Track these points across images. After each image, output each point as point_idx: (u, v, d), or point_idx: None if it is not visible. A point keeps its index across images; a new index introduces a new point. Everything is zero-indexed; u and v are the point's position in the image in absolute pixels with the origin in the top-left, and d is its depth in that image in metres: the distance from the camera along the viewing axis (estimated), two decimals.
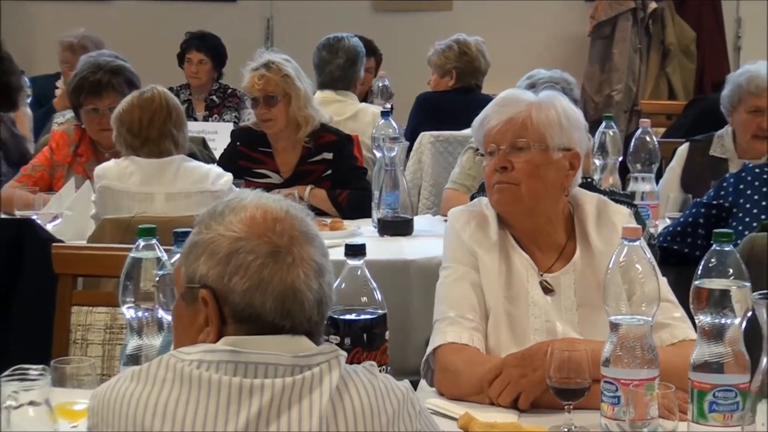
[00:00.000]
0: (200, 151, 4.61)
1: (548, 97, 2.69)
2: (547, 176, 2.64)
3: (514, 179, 2.64)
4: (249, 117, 4.67)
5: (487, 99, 2.79)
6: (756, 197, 3.57)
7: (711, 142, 4.56)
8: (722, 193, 3.64)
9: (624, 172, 4.42)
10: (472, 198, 2.99)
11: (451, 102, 5.62)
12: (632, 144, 4.36)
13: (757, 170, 3.59)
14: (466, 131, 3.41)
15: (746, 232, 3.47)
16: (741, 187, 3.60)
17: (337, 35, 5.53)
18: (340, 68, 5.12)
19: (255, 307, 1.68)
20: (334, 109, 5.17)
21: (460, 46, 5.76)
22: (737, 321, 2.10)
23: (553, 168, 2.64)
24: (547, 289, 2.64)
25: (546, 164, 2.63)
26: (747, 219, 3.57)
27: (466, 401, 2.45)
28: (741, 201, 3.60)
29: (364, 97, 6.36)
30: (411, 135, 5.55)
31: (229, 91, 6.77)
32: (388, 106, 5.71)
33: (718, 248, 2.15)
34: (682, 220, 3.77)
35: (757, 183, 3.59)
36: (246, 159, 4.59)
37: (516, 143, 2.64)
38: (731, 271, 2.12)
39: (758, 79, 4.40)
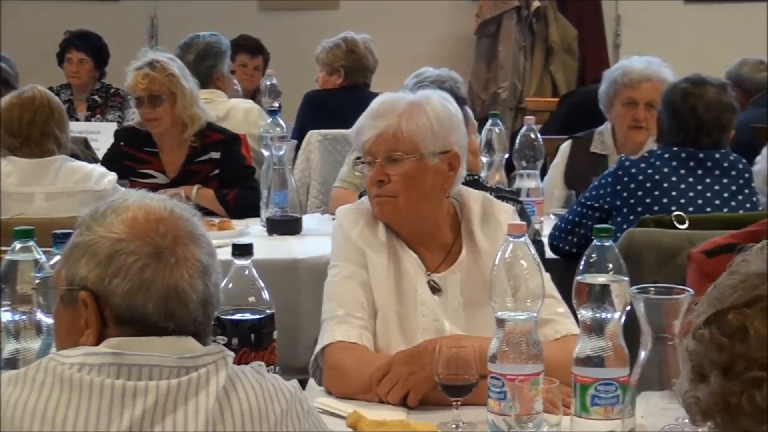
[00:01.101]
0: (82, 151, 4.54)
1: (420, 101, 2.65)
2: (425, 184, 2.63)
3: (392, 192, 2.64)
4: (133, 117, 4.60)
5: (375, 97, 2.78)
6: (632, 194, 3.64)
7: (591, 138, 4.65)
8: (601, 192, 3.71)
9: (510, 169, 4.47)
10: (360, 196, 3.00)
11: (339, 100, 5.61)
12: (517, 141, 4.42)
13: (633, 170, 3.66)
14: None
15: (624, 226, 3.55)
16: (618, 188, 3.66)
17: (195, 33, 5.50)
18: (191, 65, 5.08)
19: (137, 309, 1.67)
20: None
21: (348, 44, 5.76)
22: (617, 315, 2.15)
23: (431, 174, 2.63)
24: (434, 289, 2.66)
25: (422, 173, 2.62)
26: (630, 216, 3.63)
27: (355, 400, 2.46)
28: (618, 203, 3.66)
29: (252, 96, 6.33)
30: (299, 133, 5.53)
31: (112, 90, 6.66)
32: (276, 104, 5.68)
33: (598, 244, 2.19)
34: (568, 218, 3.83)
35: (632, 182, 3.65)
36: (131, 159, 4.52)
37: (390, 156, 2.63)
38: (611, 266, 2.16)
39: (632, 73, 4.50)
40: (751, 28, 7.94)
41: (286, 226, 4.08)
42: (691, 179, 3.62)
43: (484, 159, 4.19)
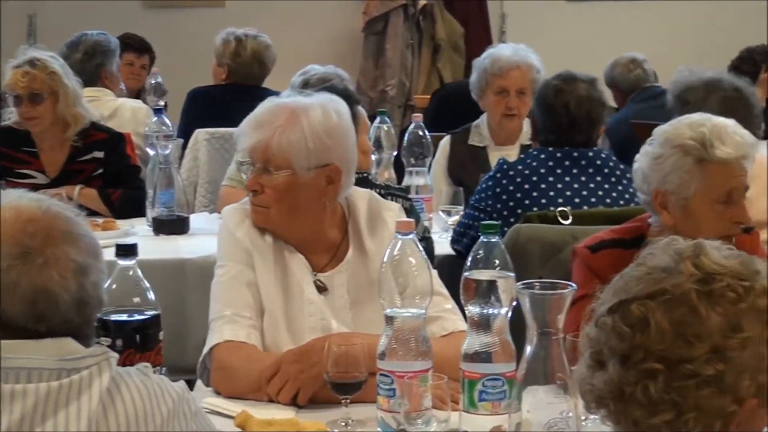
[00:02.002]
0: None
1: (300, 114, 2.60)
2: (298, 198, 2.61)
3: (264, 203, 2.63)
4: (10, 116, 4.49)
5: (262, 94, 2.77)
6: (512, 196, 3.68)
7: (469, 132, 4.69)
8: (483, 195, 3.75)
9: (399, 166, 4.49)
10: None
11: (224, 97, 5.56)
12: (405, 138, 4.43)
13: (511, 172, 3.70)
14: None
15: (506, 228, 3.59)
16: (498, 190, 3.70)
17: (83, 32, 5.41)
18: (78, 63, 4.99)
19: (3, 311, 1.63)
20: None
21: (237, 44, 5.68)
22: (504, 311, 2.16)
23: (305, 189, 2.60)
24: (320, 288, 2.65)
25: (295, 187, 2.60)
26: (510, 219, 3.68)
27: (243, 399, 2.44)
28: (499, 206, 3.70)
29: (137, 95, 6.24)
30: (184, 131, 5.47)
31: None
32: (162, 103, 5.61)
33: (484, 240, 2.20)
34: (462, 221, 3.88)
35: (510, 184, 3.69)
36: (8, 159, 4.42)
37: (264, 167, 2.61)
38: (497, 262, 2.18)
39: (500, 61, 4.56)
40: (632, 26, 8.12)
41: (172, 225, 4.04)
42: (567, 178, 3.68)
43: (373, 157, 4.19)
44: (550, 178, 3.67)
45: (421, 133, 4.41)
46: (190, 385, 2.00)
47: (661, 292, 1.55)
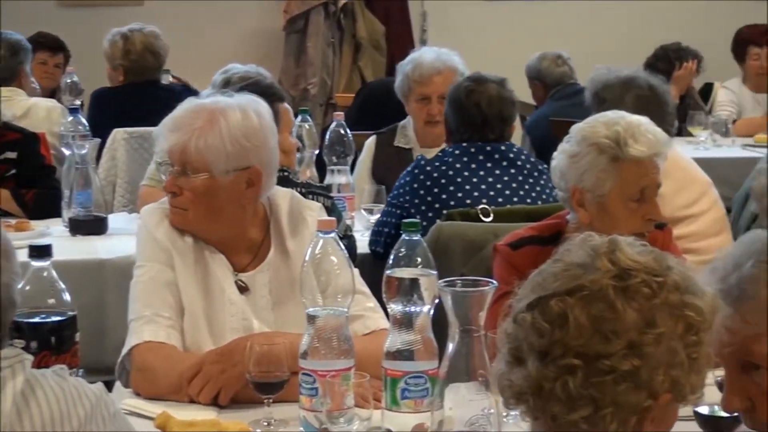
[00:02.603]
0: None
1: (219, 117, 2.57)
2: (216, 200, 2.59)
3: (182, 205, 2.61)
4: None
5: (167, 93, 2.73)
6: (429, 191, 3.70)
7: (395, 133, 4.69)
8: (401, 191, 3.77)
9: (321, 164, 4.47)
10: None
11: (126, 98, 5.47)
12: (327, 137, 4.42)
13: (428, 168, 3.72)
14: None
15: (425, 223, 3.60)
16: (415, 186, 3.72)
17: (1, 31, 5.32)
18: (2, 60, 4.91)
19: None
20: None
21: (125, 42, 5.55)
22: (426, 308, 2.16)
23: (224, 191, 2.58)
24: (242, 288, 2.63)
25: (213, 190, 2.58)
26: (429, 213, 3.69)
27: (164, 400, 2.41)
28: (417, 201, 3.72)
29: (52, 94, 6.14)
30: (92, 132, 5.38)
31: None
32: (78, 102, 5.53)
33: (406, 238, 2.20)
34: (379, 219, 3.89)
35: (428, 180, 3.71)
36: None
37: (182, 169, 2.59)
38: (419, 260, 2.18)
39: (421, 68, 4.56)
40: (551, 24, 8.20)
41: (90, 226, 3.98)
42: (482, 173, 3.73)
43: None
44: (466, 173, 3.72)
45: (342, 131, 4.40)
46: (109, 386, 1.98)
47: (579, 288, 1.56)
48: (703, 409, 2.15)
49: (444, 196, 3.69)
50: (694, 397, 1.58)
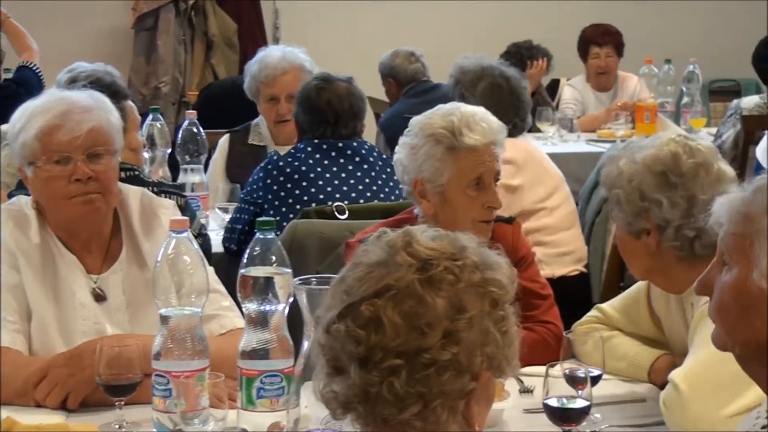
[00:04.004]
0: None
1: (99, 99, 2.61)
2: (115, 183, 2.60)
3: (100, 189, 2.56)
4: None
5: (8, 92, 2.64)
6: (282, 186, 3.70)
7: (249, 131, 4.67)
8: (254, 187, 3.76)
9: (174, 163, 4.42)
10: (10, 196, 2.87)
11: None
12: (179, 135, 4.37)
13: (281, 163, 3.72)
14: (4, 127, 3.24)
15: (278, 218, 3.60)
16: (268, 181, 3.72)
17: None
18: None
19: None
20: None
21: None
22: (281, 307, 2.16)
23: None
24: (95, 291, 2.58)
25: (115, 169, 2.59)
26: (282, 209, 3.69)
27: (10, 405, 2.35)
28: (270, 197, 3.71)
29: None
30: None
31: None
32: None
33: (261, 237, 2.19)
34: (232, 216, 3.86)
35: (281, 175, 3.71)
36: None
37: (94, 152, 2.55)
38: (274, 258, 2.18)
39: (268, 68, 4.54)
40: (404, 22, 8.27)
41: None
42: (335, 168, 3.75)
43: (146, 154, 4.11)
44: (318, 169, 3.73)
45: (195, 129, 4.35)
46: None
47: (386, 288, 1.55)
48: (553, 401, 2.20)
49: (297, 192, 3.69)
50: (510, 368, 1.60)
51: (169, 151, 4.36)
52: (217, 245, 3.80)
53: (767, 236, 1.67)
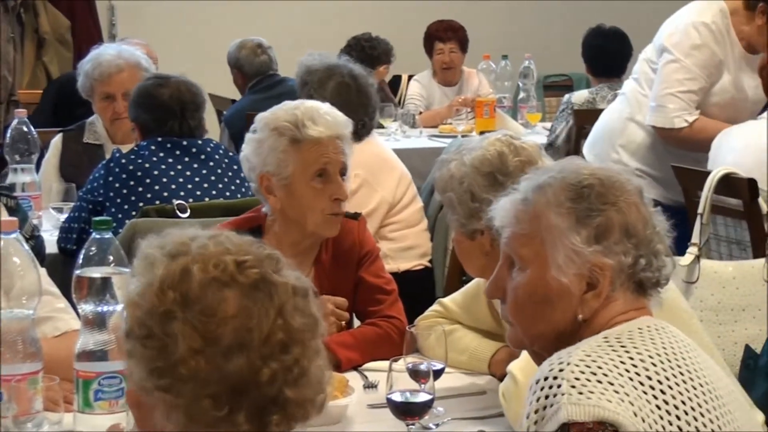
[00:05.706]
0: None
1: None
2: None
3: None
4: None
5: None
6: (125, 184, 3.64)
7: (84, 129, 4.55)
8: (95, 185, 3.69)
9: (3, 163, 4.28)
10: None
11: None
12: (8, 135, 4.24)
13: (123, 161, 3.66)
14: None
15: (120, 216, 3.53)
16: (110, 179, 3.65)
17: None
18: None
19: None
20: None
21: None
22: (119, 308, 2.11)
23: None
24: None
25: None
26: (125, 206, 3.62)
27: None
28: (111, 195, 3.64)
29: None
30: None
31: None
32: None
33: (97, 236, 2.16)
34: (69, 215, 3.77)
35: (123, 173, 3.64)
36: None
37: None
38: (112, 258, 2.15)
39: (102, 66, 4.44)
40: (248, 14, 8.25)
41: None
42: (179, 167, 3.70)
43: None
44: (162, 166, 3.68)
45: (26, 129, 4.23)
46: None
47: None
48: (396, 396, 2.20)
49: (140, 189, 3.63)
50: None
51: None
52: (51, 246, 3.70)
53: (555, 232, 1.73)
